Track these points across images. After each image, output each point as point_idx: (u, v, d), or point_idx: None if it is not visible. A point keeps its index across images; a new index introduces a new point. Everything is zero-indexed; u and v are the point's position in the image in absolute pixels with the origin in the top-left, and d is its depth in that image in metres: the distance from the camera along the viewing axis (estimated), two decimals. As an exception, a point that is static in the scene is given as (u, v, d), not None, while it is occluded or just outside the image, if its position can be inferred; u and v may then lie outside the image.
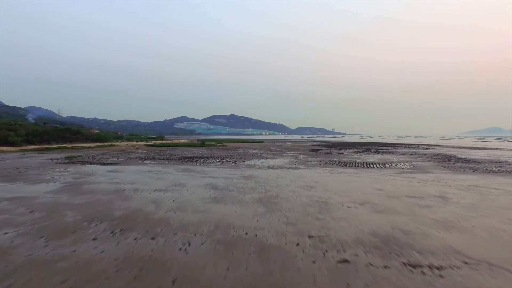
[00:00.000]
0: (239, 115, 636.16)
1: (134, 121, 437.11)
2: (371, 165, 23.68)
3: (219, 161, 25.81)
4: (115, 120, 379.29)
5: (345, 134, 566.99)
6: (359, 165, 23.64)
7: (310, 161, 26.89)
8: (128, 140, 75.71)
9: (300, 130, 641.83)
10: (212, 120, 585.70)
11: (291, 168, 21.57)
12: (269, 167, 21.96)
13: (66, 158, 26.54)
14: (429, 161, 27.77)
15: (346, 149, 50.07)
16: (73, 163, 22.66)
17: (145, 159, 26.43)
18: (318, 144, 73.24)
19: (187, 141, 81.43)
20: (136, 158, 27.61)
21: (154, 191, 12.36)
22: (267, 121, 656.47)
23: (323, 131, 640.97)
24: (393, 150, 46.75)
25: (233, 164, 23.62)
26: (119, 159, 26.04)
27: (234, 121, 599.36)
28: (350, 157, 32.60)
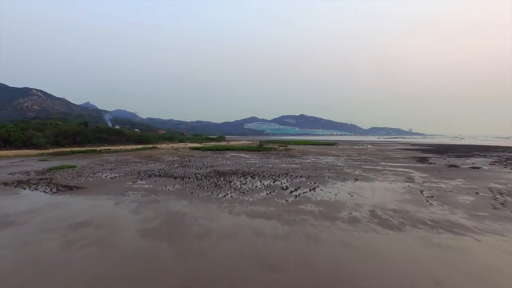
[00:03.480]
0: (309, 115, 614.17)
1: (205, 121, 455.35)
2: None
3: (267, 186, 13.96)
4: (188, 121, 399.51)
5: (424, 134, 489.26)
6: None
7: (449, 192, 12.69)
8: (181, 141, 70.42)
9: (373, 131, 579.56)
10: (281, 120, 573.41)
11: (441, 227, 8.19)
12: (373, 215, 9.05)
13: (48, 170, 18.90)
14: None
15: (466, 157, 32.69)
16: (22, 183, 13.96)
17: (148, 177, 16.52)
18: (411, 148, 54.73)
19: (246, 143, 72.25)
20: (138, 173, 17.98)
21: None
22: (338, 121, 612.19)
23: (399, 132, 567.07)
24: None
25: (290, 198, 11.44)
26: (108, 176, 16.72)
27: (303, 121, 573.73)
28: (514, 178, 17.04)
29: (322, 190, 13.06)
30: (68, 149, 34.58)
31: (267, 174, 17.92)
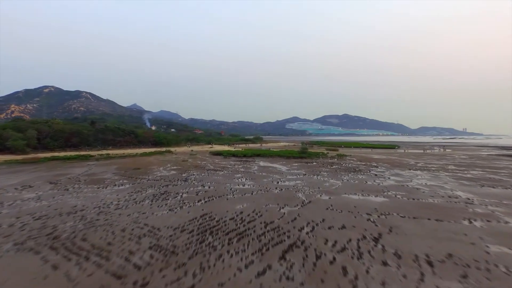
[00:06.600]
0: (353, 114, 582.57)
1: (247, 122, 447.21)
2: None
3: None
4: (230, 121, 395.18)
5: (482, 134, 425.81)
6: None
7: None
8: (208, 143, 63.12)
9: (422, 131, 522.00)
10: (323, 120, 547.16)
11: None
12: None
13: None
14: None
15: None
16: None
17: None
18: (508, 153, 39.55)
19: (285, 145, 62.53)
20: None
21: None
22: (383, 120, 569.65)
23: (452, 132, 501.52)
24: None
25: None
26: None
27: (347, 121, 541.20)
28: None
29: None
30: (47, 155, 28.14)
31: (326, 242, 7.64)
